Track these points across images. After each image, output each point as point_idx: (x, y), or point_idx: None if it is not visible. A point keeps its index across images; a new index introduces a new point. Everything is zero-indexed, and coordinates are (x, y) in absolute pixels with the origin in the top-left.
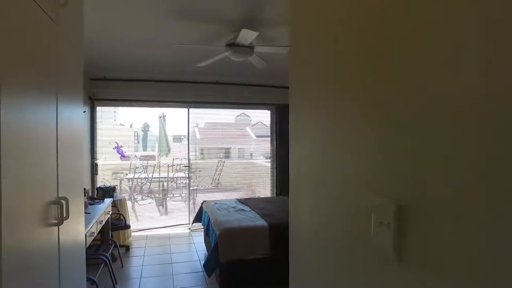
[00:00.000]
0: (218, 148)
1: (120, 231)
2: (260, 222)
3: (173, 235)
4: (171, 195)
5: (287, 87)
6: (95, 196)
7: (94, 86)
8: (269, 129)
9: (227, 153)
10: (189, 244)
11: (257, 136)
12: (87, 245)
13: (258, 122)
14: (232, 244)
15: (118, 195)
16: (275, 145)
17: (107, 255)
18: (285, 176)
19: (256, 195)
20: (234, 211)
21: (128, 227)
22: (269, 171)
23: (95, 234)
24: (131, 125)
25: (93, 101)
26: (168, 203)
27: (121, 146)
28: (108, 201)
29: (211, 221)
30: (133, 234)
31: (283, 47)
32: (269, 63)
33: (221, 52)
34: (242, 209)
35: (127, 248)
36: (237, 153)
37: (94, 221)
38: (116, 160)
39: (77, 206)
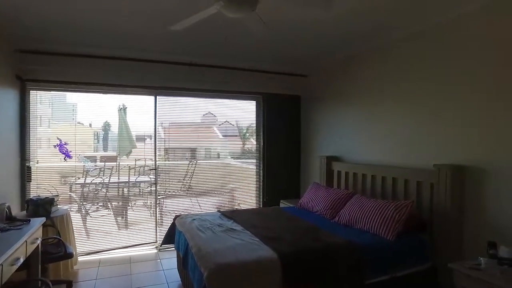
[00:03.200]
0: (186, 148)
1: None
2: (265, 251)
3: (136, 258)
4: (133, 203)
5: (281, 73)
6: (25, 211)
7: (24, 61)
8: (255, 124)
9: (199, 153)
10: (156, 273)
11: (228, 136)
12: None
13: (239, 115)
14: None
15: (59, 208)
16: (261, 144)
17: None
18: (275, 181)
19: (237, 203)
20: (221, 231)
21: (69, 256)
22: (254, 174)
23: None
24: (90, 124)
25: (23, 82)
26: (129, 214)
27: (65, 144)
28: (36, 222)
29: (191, 249)
30: (81, 260)
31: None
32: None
33: (209, 4)
34: (232, 228)
35: (69, 284)
36: (213, 153)
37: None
38: (68, 162)
39: None
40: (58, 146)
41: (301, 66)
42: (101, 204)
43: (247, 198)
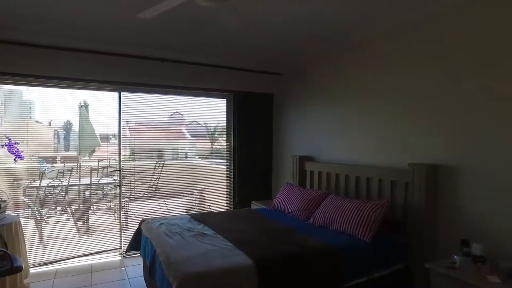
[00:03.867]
0: (153, 148)
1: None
2: (239, 257)
3: (98, 266)
4: (95, 207)
5: (254, 71)
6: None
7: None
8: (225, 123)
9: (167, 154)
10: (121, 282)
11: (197, 136)
12: None
13: (209, 114)
14: None
15: (7, 215)
16: (232, 143)
17: None
18: (246, 181)
19: (207, 205)
20: (192, 236)
21: (17, 270)
22: (225, 175)
23: None
24: (50, 123)
25: None
26: (90, 218)
27: (15, 143)
28: None
29: (158, 256)
30: (33, 272)
31: None
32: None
33: None
34: (203, 233)
35: None
36: (181, 153)
37: None
38: (21, 163)
39: None
40: (6, 146)
41: (275, 64)
42: (59, 208)
43: (218, 199)
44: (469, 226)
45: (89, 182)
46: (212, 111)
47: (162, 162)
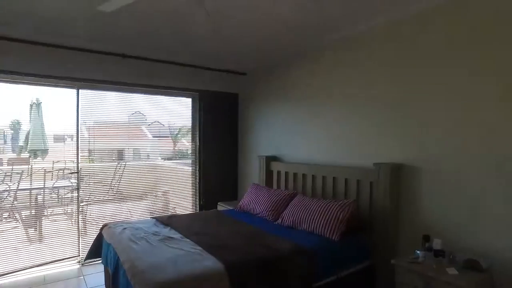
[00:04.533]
0: (113, 149)
1: None
2: (209, 261)
3: (53, 276)
4: (50, 212)
5: (220, 70)
6: None
7: None
8: (190, 123)
9: (128, 155)
10: None
11: (156, 136)
12: None
13: (172, 114)
14: None
15: None
16: (197, 144)
17: None
18: (212, 182)
19: (172, 208)
20: (158, 241)
21: None
22: (190, 176)
23: None
24: None
25: None
26: (44, 225)
27: None
28: None
29: (121, 264)
30: None
31: None
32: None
33: None
34: (170, 237)
35: None
36: (143, 154)
37: None
38: None
39: None
40: None
41: (241, 63)
42: (7, 215)
43: (183, 201)
44: (429, 222)
45: (42, 186)
46: (176, 110)
47: (124, 163)
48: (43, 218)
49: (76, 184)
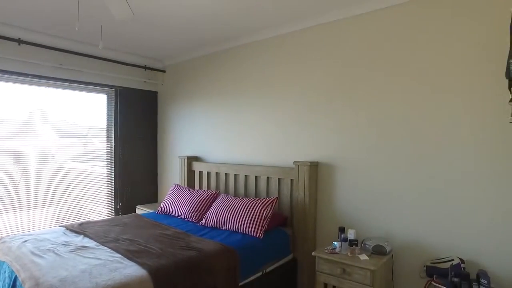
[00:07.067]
0: (8, 151)
1: None
2: (131, 269)
3: None
4: None
5: (138, 66)
6: None
7: None
8: (105, 121)
9: (28, 157)
10: None
11: (64, 136)
12: None
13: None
14: None
15: None
16: (113, 144)
17: None
18: (130, 185)
19: (85, 214)
20: (69, 251)
21: None
22: (105, 179)
23: None
24: None
25: None
26: None
27: None
28: None
29: (22, 284)
30: None
31: None
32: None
33: None
34: (83, 246)
35: None
36: (47, 156)
37: None
38: None
39: None
40: None
41: (160, 60)
42: None
43: (97, 206)
44: (344, 215)
45: None
46: (89, 107)
47: (23, 167)
48: None
49: None
